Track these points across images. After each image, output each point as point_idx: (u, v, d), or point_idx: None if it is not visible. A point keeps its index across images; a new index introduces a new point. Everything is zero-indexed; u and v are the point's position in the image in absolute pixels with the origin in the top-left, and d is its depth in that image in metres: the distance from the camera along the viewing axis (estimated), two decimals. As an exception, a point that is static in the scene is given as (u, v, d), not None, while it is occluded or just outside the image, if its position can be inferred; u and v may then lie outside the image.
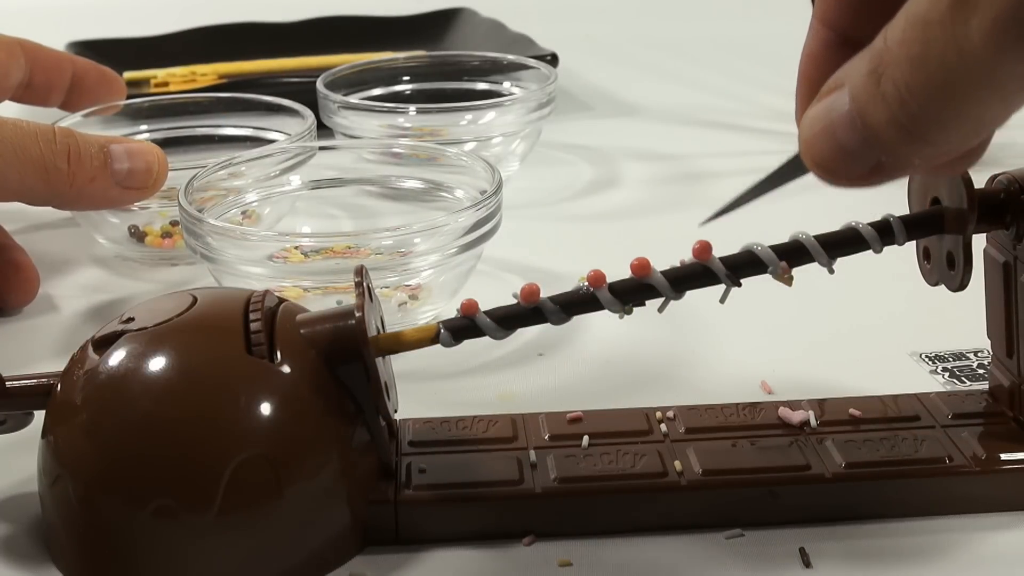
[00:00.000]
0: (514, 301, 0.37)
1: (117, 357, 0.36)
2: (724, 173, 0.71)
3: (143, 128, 0.67)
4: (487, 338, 0.37)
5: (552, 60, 0.80)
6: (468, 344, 0.38)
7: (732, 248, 0.37)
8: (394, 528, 0.37)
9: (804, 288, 0.39)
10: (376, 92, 0.76)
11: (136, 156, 0.54)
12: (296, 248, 0.50)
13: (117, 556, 0.35)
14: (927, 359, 0.48)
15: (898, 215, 0.38)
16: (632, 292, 0.36)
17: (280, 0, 0.98)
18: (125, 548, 0.35)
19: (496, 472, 0.39)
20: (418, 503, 0.37)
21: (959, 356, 0.48)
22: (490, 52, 0.79)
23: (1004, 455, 0.39)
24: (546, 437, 0.40)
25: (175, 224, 0.58)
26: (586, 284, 0.37)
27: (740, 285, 0.37)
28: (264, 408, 0.36)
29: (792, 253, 0.36)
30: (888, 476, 0.38)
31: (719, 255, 0.36)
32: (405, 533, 0.37)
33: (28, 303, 0.55)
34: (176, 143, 0.67)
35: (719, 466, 0.38)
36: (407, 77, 0.78)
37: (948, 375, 0.47)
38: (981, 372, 0.47)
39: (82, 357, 0.37)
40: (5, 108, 0.64)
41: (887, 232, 0.37)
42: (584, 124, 0.82)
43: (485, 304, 0.37)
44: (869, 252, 0.37)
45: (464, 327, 0.37)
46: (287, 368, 0.36)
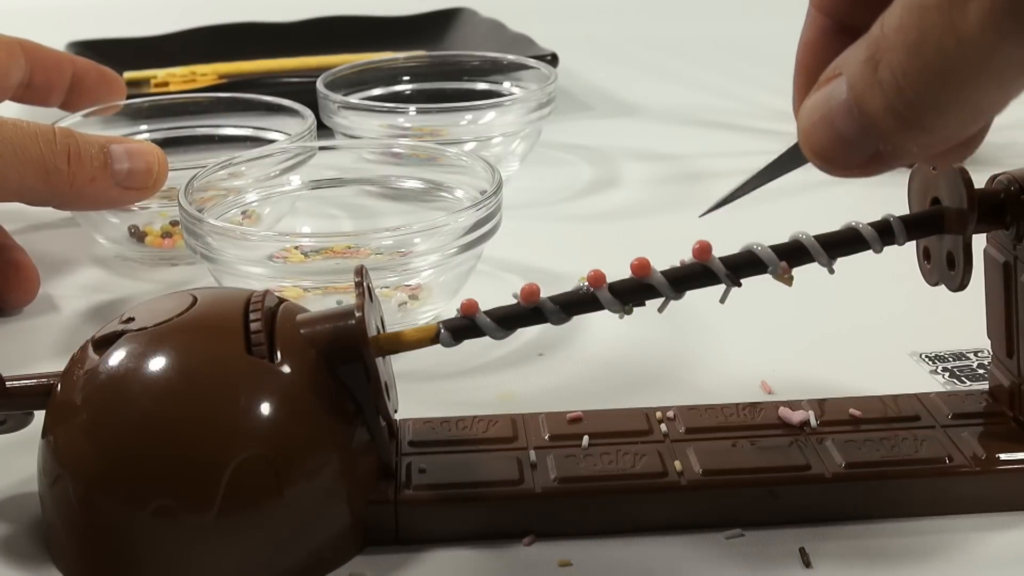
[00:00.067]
0: (514, 301, 0.37)
1: (117, 357, 0.36)
2: (724, 173, 0.71)
3: (143, 128, 0.67)
4: (487, 338, 0.37)
5: (552, 60, 0.80)
6: (468, 344, 0.38)
7: (732, 248, 0.37)
8: (394, 528, 0.37)
9: (804, 288, 0.39)
10: (376, 92, 0.76)
11: (136, 156, 0.54)
12: (296, 248, 0.50)
13: (117, 556, 0.35)
14: (927, 359, 0.48)
15: (898, 215, 0.38)
16: (632, 292, 0.36)
17: (280, 0, 0.98)
18: (125, 548, 0.35)
19: (496, 472, 0.39)
20: (418, 503, 0.37)
21: (959, 356, 0.48)
22: (490, 52, 0.79)
23: (1004, 455, 0.39)
24: (546, 437, 0.40)
25: (175, 224, 0.58)
26: (586, 284, 0.37)
27: (740, 285, 0.37)
28: (264, 408, 0.36)
29: (792, 253, 0.36)
30: (888, 476, 0.38)
31: (719, 255, 0.36)
32: (405, 533, 0.37)
33: (28, 303, 0.55)
34: (176, 143, 0.67)
35: (719, 466, 0.38)
36: (407, 77, 0.78)
37: (948, 375, 0.47)
38: (981, 372, 0.47)
39: (82, 357, 0.37)
40: (5, 108, 0.64)
41: (887, 232, 0.37)
42: (584, 124, 0.82)
43: (485, 304, 0.37)
44: (869, 252, 0.37)
45: (464, 327, 0.37)
46: (287, 368, 0.36)
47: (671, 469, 0.38)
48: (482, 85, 0.77)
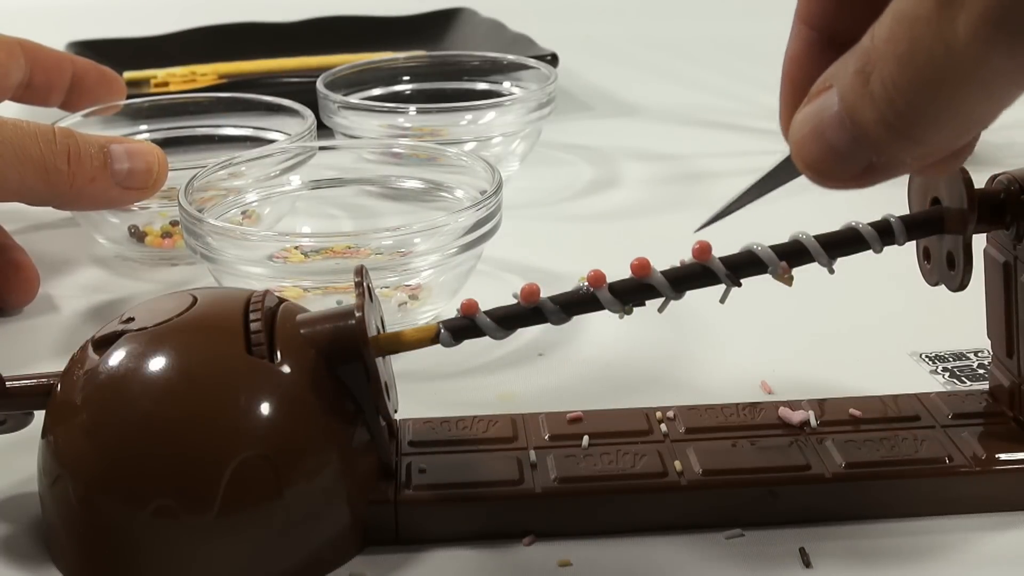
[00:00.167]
0: (514, 301, 0.37)
1: (117, 357, 0.36)
2: (724, 173, 0.71)
3: (143, 128, 0.67)
4: (487, 338, 0.37)
5: (552, 60, 0.80)
6: (468, 344, 0.38)
7: (732, 248, 0.37)
8: (394, 528, 0.37)
9: (804, 288, 0.39)
10: (376, 92, 0.76)
11: (136, 156, 0.54)
12: (296, 248, 0.50)
13: (117, 556, 0.35)
14: (927, 359, 0.48)
15: (898, 215, 0.38)
16: (632, 292, 0.36)
17: (280, 0, 0.98)
18: (125, 548, 0.35)
19: (496, 472, 0.39)
20: (418, 503, 0.37)
21: (959, 356, 0.48)
22: (490, 52, 0.79)
23: (1004, 455, 0.39)
24: (546, 437, 0.40)
25: (175, 224, 0.58)
26: (586, 284, 0.37)
27: (740, 285, 0.37)
28: (264, 408, 0.36)
29: (792, 253, 0.36)
30: (888, 476, 0.38)
31: (719, 255, 0.36)
32: (405, 533, 0.37)
33: (28, 303, 0.55)
34: (176, 143, 0.67)
35: (719, 466, 0.38)
36: (407, 77, 0.78)
37: (948, 375, 0.47)
38: (981, 372, 0.47)
39: (82, 357, 0.37)
40: (5, 108, 0.64)
41: (887, 232, 0.37)
42: (584, 124, 0.82)
43: (485, 304, 0.37)
44: (869, 252, 0.37)
45: (464, 327, 0.37)
46: (287, 368, 0.36)
47: (671, 469, 0.38)
48: (482, 85, 0.77)
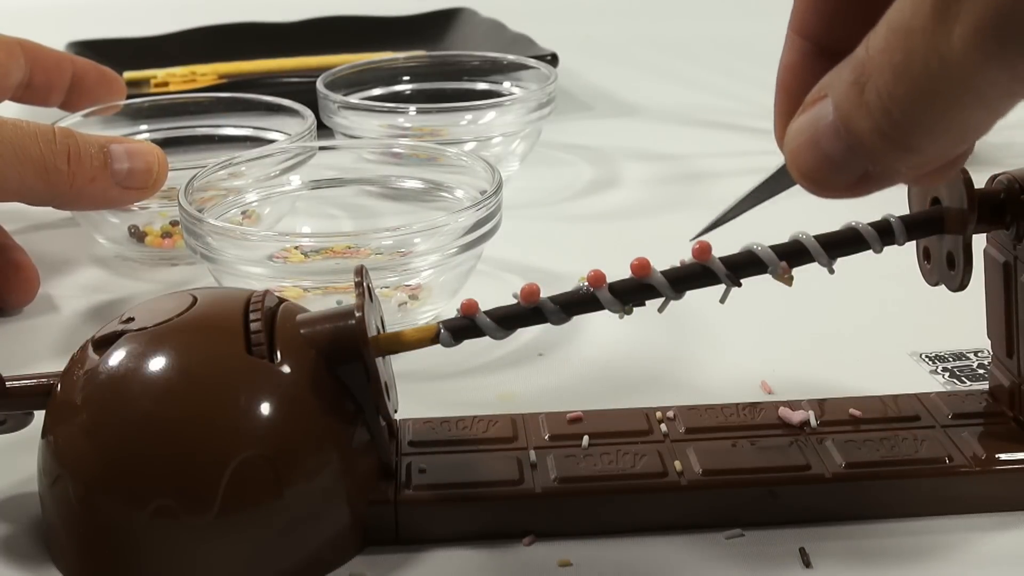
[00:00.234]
0: (514, 301, 0.37)
1: (117, 357, 0.36)
2: (724, 173, 0.71)
3: (143, 128, 0.67)
4: (487, 338, 0.37)
5: (552, 60, 0.80)
6: (468, 344, 0.38)
7: (732, 248, 0.37)
8: (394, 528, 0.37)
9: (804, 288, 0.39)
10: (376, 92, 0.76)
11: (136, 156, 0.54)
12: (296, 248, 0.50)
13: (117, 556, 0.35)
14: (927, 359, 0.48)
15: (898, 215, 0.38)
16: (632, 292, 0.36)
17: (280, 0, 0.98)
18: (125, 548, 0.35)
19: (496, 472, 0.39)
20: (418, 503, 0.37)
21: (959, 356, 0.48)
22: (490, 52, 0.79)
23: (1004, 455, 0.39)
24: (546, 437, 0.40)
25: (175, 224, 0.58)
26: (586, 284, 0.37)
27: (740, 285, 0.37)
28: (264, 408, 0.36)
29: (792, 253, 0.36)
30: (888, 476, 0.38)
31: (719, 255, 0.36)
32: (405, 533, 0.37)
33: (28, 303, 0.55)
34: (176, 143, 0.67)
35: (719, 466, 0.38)
36: (407, 77, 0.78)
37: (948, 375, 0.47)
38: (981, 372, 0.47)
39: (82, 357, 0.37)
40: (5, 108, 0.64)
41: (887, 232, 0.37)
42: (584, 124, 0.82)
43: (485, 304, 0.37)
44: (869, 252, 0.37)
45: (464, 327, 0.37)
46: (287, 368, 0.36)
47: (671, 469, 0.38)
48: (482, 85, 0.77)
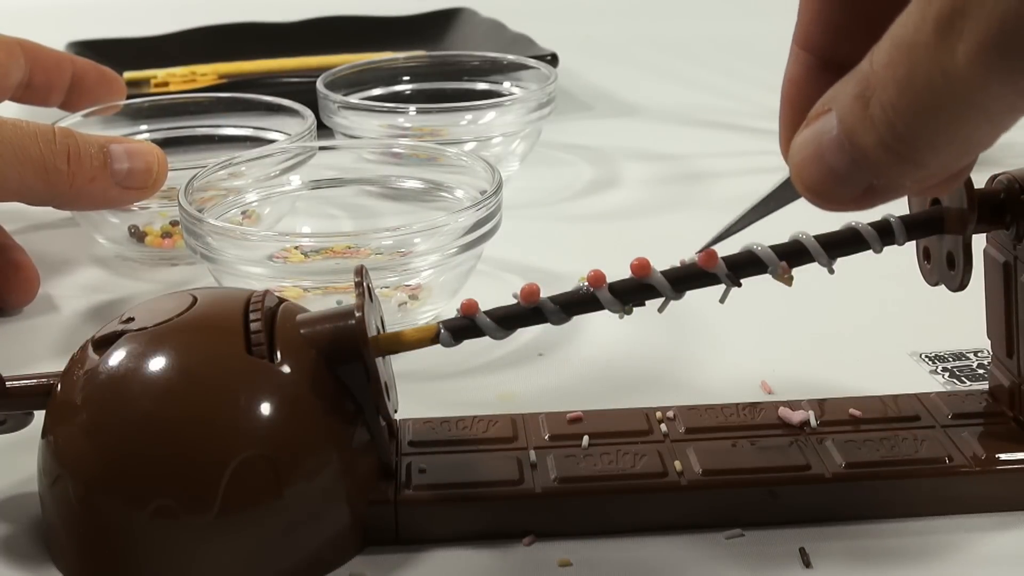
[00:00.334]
0: (514, 301, 0.37)
1: (117, 357, 0.36)
2: (724, 173, 0.71)
3: (143, 128, 0.67)
4: (487, 338, 0.37)
5: (552, 60, 0.80)
6: (468, 344, 0.38)
7: (732, 248, 0.37)
8: (394, 528, 0.37)
9: (804, 288, 0.39)
10: (376, 92, 0.76)
11: (136, 156, 0.54)
12: (296, 248, 0.50)
13: (117, 556, 0.35)
14: (927, 359, 0.48)
15: (898, 215, 0.38)
16: (632, 292, 0.36)
17: (280, 0, 0.98)
18: (125, 548, 0.35)
19: (496, 472, 0.39)
20: (418, 503, 0.37)
21: (959, 356, 0.48)
22: (490, 52, 0.79)
23: (1004, 455, 0.39)
24: (546, 437, 0.40)
25: (175, 224, 0.58)
26: (586, 284, 0.37)
27: (740, 285, 0.37)
28: (264, 408, 0.36)
29: (792, 253, 0.36)
30: (888, 476, 0.38)
31: (719, 255, 0.36)
32: (405, 533, 0.37)
33: (28, 303, 0.55)
34: (176, 143, 0.67)
35: (719, 466, 0.38)
36: (407, 77, 0.78)
37: (948, 375, 0.47)
38: (981, 372, 0.47)
39: (82, 357, 0.37)
40: (5, 108, 0.64)
41: (887, 232, 0.37)
42: (584, 124, 0.82)
43: (485, 304, 0.37)
44: (869, 252, 0.37)
45: (464, 327, 0.37)
46: (287, 368, 0.36)
47: (671, 469, 0.38)
48: (482, 85, 0.77)
